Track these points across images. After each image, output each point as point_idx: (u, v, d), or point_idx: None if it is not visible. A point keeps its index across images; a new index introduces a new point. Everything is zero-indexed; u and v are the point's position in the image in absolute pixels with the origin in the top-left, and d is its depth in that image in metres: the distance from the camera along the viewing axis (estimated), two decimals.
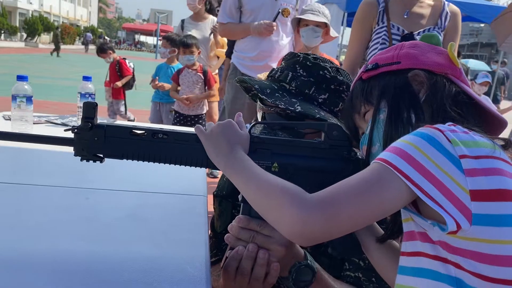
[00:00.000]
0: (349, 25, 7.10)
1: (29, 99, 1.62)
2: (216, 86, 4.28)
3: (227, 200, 1.17)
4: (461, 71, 0.80)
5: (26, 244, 0.82)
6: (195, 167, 0.88)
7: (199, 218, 1.03)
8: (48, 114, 2.09)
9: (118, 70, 5.46)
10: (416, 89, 0.78)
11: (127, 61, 5.57)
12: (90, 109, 0.84)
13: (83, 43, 35.82)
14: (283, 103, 0.98)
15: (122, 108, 5.58)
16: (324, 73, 1.03)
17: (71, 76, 12.99)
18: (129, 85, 5.56)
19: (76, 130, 0.85)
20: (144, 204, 1.10)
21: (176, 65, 4.56)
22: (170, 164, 0.87)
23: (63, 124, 1.91)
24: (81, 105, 1.61)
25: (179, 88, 4.22)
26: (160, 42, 4.58)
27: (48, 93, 8.75)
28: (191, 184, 1.25)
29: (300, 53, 1.08)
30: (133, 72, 5.55)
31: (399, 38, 2.04)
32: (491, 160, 0.65)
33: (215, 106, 4.58)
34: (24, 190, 1.12)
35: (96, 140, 0.85)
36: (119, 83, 5.47)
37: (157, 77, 4.58)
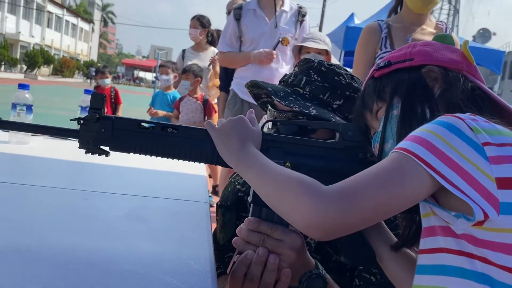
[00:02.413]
0: (345, 64, 7.23)
1: (29, 107, 1.60)
2: (215, 116, 4.28)
3: (231, 210, 1.13)
4: (476, 68, 0.79)
5: (25, 239, 0.78)
6: (205, 163, 0.85)
7: (201, 220, 0.99)
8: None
9: (113, 97, 5.49)
10: (430, 84, 0.76)
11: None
12: (98, 100, 0.82)
13: (87, 77, 36.40)
14: (297, 106, 0.95)
15: None
16: (339, 79, 1.01)
17: (70, 107, 13.02)
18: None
19: (82, 121, 0.83)
20: (144, 206, 1.06)
21: (172, 92, 4.58)
22: (178, 159, 0.84)
23: (62, 138, 1.88)
24: None
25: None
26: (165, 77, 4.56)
27: (46, 122, 8.72)
28: (192, 191, 1.21)
29: (314, 59, 1.06)
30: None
31: None
32: None
33: None
34: (23, 190, 1.08)
35: (103, 132, 0.82)
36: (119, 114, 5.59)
37: (153, 105, 4.60)
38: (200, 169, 1.47)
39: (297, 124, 0.93)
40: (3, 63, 28.56)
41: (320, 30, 17.95)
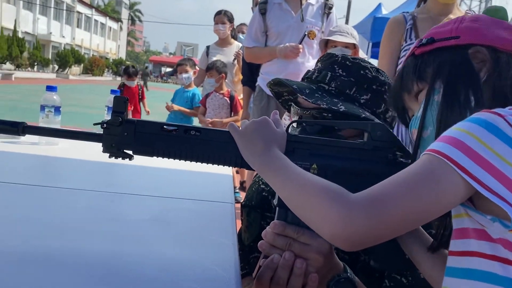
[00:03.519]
0: (373, 55, 7.10)
1: (57, 109, 1.62)
2: (241, 112, 4.27)
3: (256, 211, 1.11)
4: None
5: (51, 242, 0.79)
6: (228, 166, 0.84)
7: (226, 223, 0.98)
8: None
9: (140, 94, 5.99)
10: (477, 67, 0.69)
11: None
12: (120, 103, 0.82)
13: (119, 75, 37.28)
14: (325, 103, 0.91)
15: None
16: (365, 73, 0.97)
17: (100, 105, 13.28)
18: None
19: (105, 124, 0.82)
20: (169, 208, 1.06)
21: (193, 89, 4.60)
22: (202, 162, 0.83)
23: None
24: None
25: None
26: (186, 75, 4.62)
27: (76, 121, 8.93)
28: (217, 192, 1.20)
29: (337, 53, 1.03)
30: None
31: None
32: None
33: None
34: (51, 192, 1.10)
35: (126, 136, 0.81)
36: (148, 110, 6.20)
37: (173, 101, 4.65)
38: (225, 168, 1.45)
39: (324, 125, 0.90)
40: (36, 63, 29.41)
41: (346, 21, 17.64)
